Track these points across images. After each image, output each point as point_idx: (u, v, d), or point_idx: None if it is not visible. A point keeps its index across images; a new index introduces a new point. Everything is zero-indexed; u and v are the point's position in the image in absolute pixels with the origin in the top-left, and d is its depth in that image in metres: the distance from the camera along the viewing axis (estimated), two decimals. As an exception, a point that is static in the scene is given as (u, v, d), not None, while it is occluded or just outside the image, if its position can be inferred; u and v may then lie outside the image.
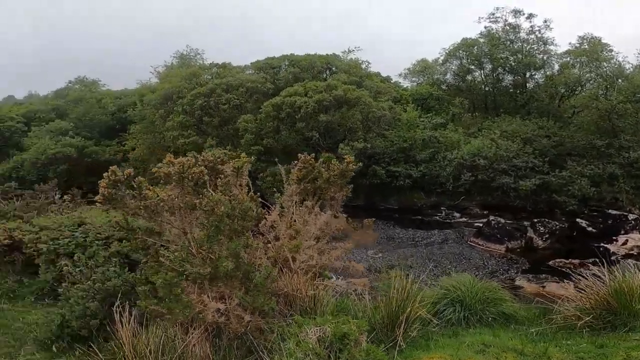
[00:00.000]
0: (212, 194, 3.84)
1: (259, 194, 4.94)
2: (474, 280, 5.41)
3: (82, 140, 24.19)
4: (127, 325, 4.58)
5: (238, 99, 23.02)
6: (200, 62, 33.78)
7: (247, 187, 4.65)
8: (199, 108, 22.31)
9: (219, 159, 4.85)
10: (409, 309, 4.46)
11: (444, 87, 27.95)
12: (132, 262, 6.77)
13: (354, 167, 4.79)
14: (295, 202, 5.14)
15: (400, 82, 31.54)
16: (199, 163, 4.22)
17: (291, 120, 21.57)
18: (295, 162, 5.05)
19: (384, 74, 30.26)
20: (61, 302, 5.68)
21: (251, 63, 28.66)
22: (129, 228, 4.11)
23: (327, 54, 28.43)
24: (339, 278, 6.31)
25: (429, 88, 26.75)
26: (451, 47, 26.93)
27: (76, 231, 7.08)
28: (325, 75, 27.61)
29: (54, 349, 4.80)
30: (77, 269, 5.16)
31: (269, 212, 5.27)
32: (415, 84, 31.83)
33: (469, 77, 27.15)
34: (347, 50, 29.89)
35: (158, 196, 3.54)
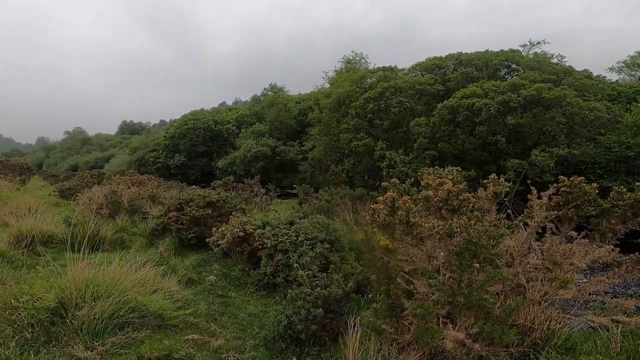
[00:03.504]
0: (472, 222, 3.34)
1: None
2: None
3: (274, 140, 28.22)
4: (354, 337, 4.56)
5: (408, 101, 22.45)
6: (364, 65, 34.64)
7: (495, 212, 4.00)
8: (370, 111, 22.70)
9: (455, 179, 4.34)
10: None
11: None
12: (329, 263, 6.94)
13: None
14: (549, 229, 4.20)
15: (604, 77, 25.60)
16: (447, 185, 3.79)
17: (469, 124, 19.77)
18: (554, 183, 4.09)
19: (577, 69, 24.99)
20: (284, 302, 6.13)
21: (415, 64, 27.61)
22: (369, 245, 3.97)
23: (502, 50, 24.93)
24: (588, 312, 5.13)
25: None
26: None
27: (289, 230, 7.68)
28: (503, 73, 24.44)
29: (276, 348, 5.03)
30: (305, 272, 5.40)
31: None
32: (630, 77, 25.39)
33: None
34: (528, 44, 25.61)
35: (434, 227, 3.21)
